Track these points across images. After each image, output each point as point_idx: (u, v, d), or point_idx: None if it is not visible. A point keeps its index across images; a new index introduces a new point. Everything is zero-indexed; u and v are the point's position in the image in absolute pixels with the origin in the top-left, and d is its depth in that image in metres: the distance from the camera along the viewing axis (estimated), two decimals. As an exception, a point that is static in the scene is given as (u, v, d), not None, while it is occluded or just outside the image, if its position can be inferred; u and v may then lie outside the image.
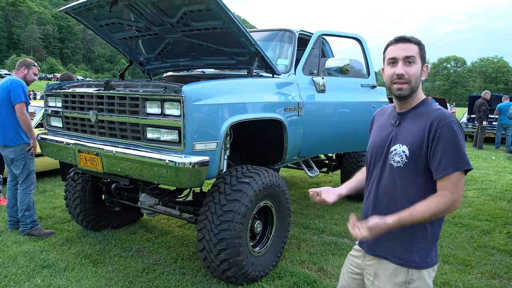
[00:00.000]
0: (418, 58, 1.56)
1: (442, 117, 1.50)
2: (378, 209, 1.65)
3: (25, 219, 4.01)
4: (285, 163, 3.99)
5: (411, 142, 1.54)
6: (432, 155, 1.49)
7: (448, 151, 1.46)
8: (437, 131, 1.48)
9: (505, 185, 6.84)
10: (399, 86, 1.56)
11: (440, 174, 1.47)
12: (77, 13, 3.48)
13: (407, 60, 1.55)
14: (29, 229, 4.01)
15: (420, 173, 1.53)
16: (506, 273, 3.41)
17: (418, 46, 1.57)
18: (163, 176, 2.71)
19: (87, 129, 3.28)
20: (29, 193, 4.05)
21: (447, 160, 1.46)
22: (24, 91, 4.02)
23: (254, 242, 3.23)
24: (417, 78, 1.57)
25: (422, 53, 1.58)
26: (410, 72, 1.55)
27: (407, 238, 1.56)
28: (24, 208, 4.00)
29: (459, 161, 1.46)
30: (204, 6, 2.89)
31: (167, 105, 2.70)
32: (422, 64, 1.58)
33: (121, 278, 3.18)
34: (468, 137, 13.83)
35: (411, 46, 1.56)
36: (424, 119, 1.53)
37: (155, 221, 4.61)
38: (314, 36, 4.25)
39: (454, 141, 1.47)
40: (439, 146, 1.47)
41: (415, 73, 1.56)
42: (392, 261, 1.59)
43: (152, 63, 4.24)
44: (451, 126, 1.48)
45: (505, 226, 4.61)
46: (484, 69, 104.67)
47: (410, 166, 1.54)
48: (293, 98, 3.66)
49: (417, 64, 1.56)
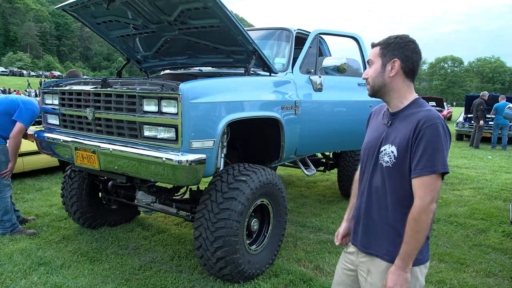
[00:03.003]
0: (377, 59, 1.62)
1: (428, 118, 1.49)
2: (370, 209, 1.67)
3: (4, 224, 3.94)
4: (282, 161, 4.00)
5: (399, 142, 1.55)
6: (413, 155, 1.50)
7: (427, 152, 1.46)
8: (421, 132, 1.48)
9: (501, 184, 6.88)
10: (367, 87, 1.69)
11: (416, 174, 1.48)
12: (74, 10, 3.47)
13: (369, 64, 1.67)
14: (9, 232, 3.95)
15: (406, 173, 1.53)
16: (500, 272, 3.43)
17: (379, 47, 1.62)
18: (160, 174, 2.72)
19: (84, 127, 3.27)
20: (4, 198, 3.92)
21: (424, 161, 1.46)
22: (31, 119, 3.94)
23: (250, 240, 3.24)
24: (374, 78, 1.63)
25: (383, 52, 1.60)
26: (368, 73, 1.66)
27: (395, 236, 1.58)
28: (1, 213, 3.91)
29: (436, 163, 1.46)
30: (201, 4, 2.89)
31: (164, 103, 2.70)
32: (386, 62, 1.60)
33: (117, 276, 3.18)
34: (465, 136, 13.89)
35: (373, 50, 1.65)
36: (412, 119, 1.54)
37: (152, 219, 4.62)
38: (311, 35, 4.26)
39: (435, 143, 1.46)
40: (420, 147, 1.48)
41: (371, 73, 1.64)
42: (383, 259, 1.62)
43: (149, 61, 4.24)
44: (435, 128, 1.47)
45: (500, 225, 4.64)
46: (481, 69, 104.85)
47: (398, 166, 1.55)
48: (290, 96, 3.67)
49: (375, 64, 1.63)
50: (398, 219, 1.57)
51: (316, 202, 5.51)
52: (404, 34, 1.62)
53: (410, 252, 1.49)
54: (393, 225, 1.59)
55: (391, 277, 1.51)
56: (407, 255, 1.50)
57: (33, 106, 3.96)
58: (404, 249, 1.50)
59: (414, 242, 1.48)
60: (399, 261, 1.51)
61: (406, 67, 1.59)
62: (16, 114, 3.87)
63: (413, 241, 1.48)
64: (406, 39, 1.59)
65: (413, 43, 1.60)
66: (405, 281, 1.50)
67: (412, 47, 1.59)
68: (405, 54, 1.58)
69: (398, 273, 1.50)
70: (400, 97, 1.62)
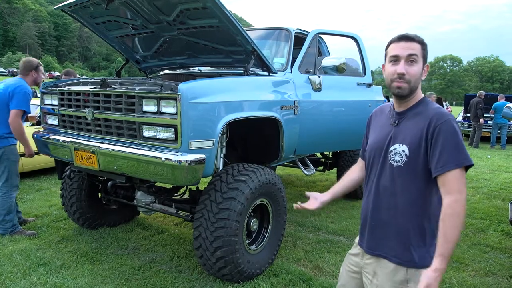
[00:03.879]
0: (420, 58, 1.54)
1: (440, 115, 1.50)
2: (378, 209, 1.65)
3: (5, 224, 3.93)
4: (281, 161, 4.01)
5: (411, 141, 1.54)
6: (432, 152, 1.48)
7: (448, 147, 1.45)
8: (436, 129, 1.47)
9: (500, 183, 6.89)
10: (398, 84, 1.55)
11: (439, 171, 1.46)
12: (73, 10, 3.47)
13: (409, 59, 1.53)
14: (9, 233, 3.94)
15: (420, 172, 1.52)
16: (499, 271, 3.44)
17: (421, 45, 1.55)
18: (159, 174, 2.72)
19: (83, 127, 3.27)
20: (10, 198, 3.92)
21: (446, 156, 1.44)
22: (28, 99, 3.92)
23: (250, 240, 3.25)
24: (417, 78, 1.56)
25: (424, 53, 1.56)
26: (411, 72, 1.53)
27: (405, 237, 1.56)
28: (4, 213, 3.90)
29: (459, 157, 1.44)
30: (200, 4, 2.90)
31: (164, 103, 2.70)
32: (424, 64, 1.57)
33: (117, 276, 3.18)
34: (464, 136, 13.91)
35: (414, 45, 1.54)
36: (423, 118, 1.53)
37: (151, 219, 4.62)
38: (310, 35, 4.26)
39: (454, 138, 1.46)
40: (438, 143, 1.46)
41: (416, 73, 1.54)
42: (391, 260, 1.59)
43: (148, 61, 4.24)
44: (450, 123, 1.47)
45: (499, 224, 4.65)
46: (480, 68, 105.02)
47: (410, 165, 1.54)
48: (289, 96, 3.67)
49: (419, 63, 1.54)
50: (408, 219, 1.55)
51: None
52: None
53: (450, 250, 1.43)
54: (403, 226, 1.57)
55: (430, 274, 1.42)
56: (449, 253, 1.43)
57: (21, 89, 3.89)
58: (445, 248, 1.42)
59: (455, 238, 1.43)
60: (439, 260, 1.42)
61: None
62: (13, 103, 3.84)
63: (454, 238, 1.42)
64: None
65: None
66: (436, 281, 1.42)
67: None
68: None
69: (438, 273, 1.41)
70: (416, 97, 1.62)
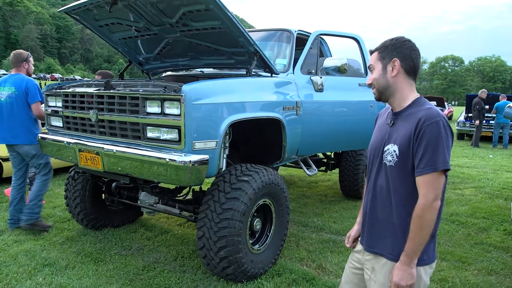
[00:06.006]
0: (377, 63, 1.67)
1: (428, 116, 1.51)
2: (375, 208, 1.69)
3: (35, 208, 4.11)
4: (283, 162, 4.02)
5: (401, 141, 1.57)
6: (415, 153, 1.52)
7: (428, 150, 1.48)
8: (421, 130, 1.50)
9: (502, 183, 6.89)
10: (373, 91, 1.73)
11: (418, 172, 1.51)
12: (77, 13, 3.50)
13: (370, 70, 1.72)
14: (35, 220, 4.09)
15: (409, 172, 1.56)
16: (502, 270, 3.45)
17: (377, 51, 1.67)
18: (163, 174, 2.74)
19: (87, 129, 3.30)
20: (47, 185, 4.25)
21: (426, 159, 1.48)
22: (39, 89, 4.14)
23: (253, 240, 3.26)
24: (378, 80, 1.67)
25: (382, 55, 1.66)
26: (371, 78, 1.70)
27: (399, 235, 1.60)
28: (39, 198, 4.14)
29: (437, 161, 1.47)
30: (203, 7, 2.92)
31: (167, 104, 2.73)
32: (386, 64, 1.64)
33: (121, 276, 3.21)
34: (466, 135, 13.90)
35: (372, 56, 1.70)
36: (413, 118, 1.56)
37: (155, 219, 4.64)
38: (312, 36, 4.28)
39: (435, 141, 1.48)
40: (421, 145, 1.50)
41: (374, 77, 1.68)
42: (387, 257, 1.63)
43: (151, 63, 4.26)
44: (436, 126, 1.49)
45: (502, 224, 4.65)
46: (481, 68, 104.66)
47: (400, 165, 1.57)
48: (292, 97, 3.69)
49: (376, 69, 1.67)
50: (402, 218, 1.58)
51: (317, 202, 5.53)
52: (398, 36, 1.67)
53: (414, 249, 1.52)
54: (398, 224, 1.60)
55: (397, 272, 1.54)
56: (412, 251, 1.52)
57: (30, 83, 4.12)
58: (408, 245, 1.53)
59: (419, 239, 1.51)
60: (404, 257, 1.54)
61: (406, 65, 1.63)
62: (30, 98, 4.08)
63: (417, 238, 1.51)
64: (401, 40, 1.64)
65: (409, 42, 1.64)
66: (410, 276, 1.52)
67: (409, 45, 1.63)
68: (404, 53, 1.62)
69: (403, 268, 1.53)
70: (403, 97, 1.65)
